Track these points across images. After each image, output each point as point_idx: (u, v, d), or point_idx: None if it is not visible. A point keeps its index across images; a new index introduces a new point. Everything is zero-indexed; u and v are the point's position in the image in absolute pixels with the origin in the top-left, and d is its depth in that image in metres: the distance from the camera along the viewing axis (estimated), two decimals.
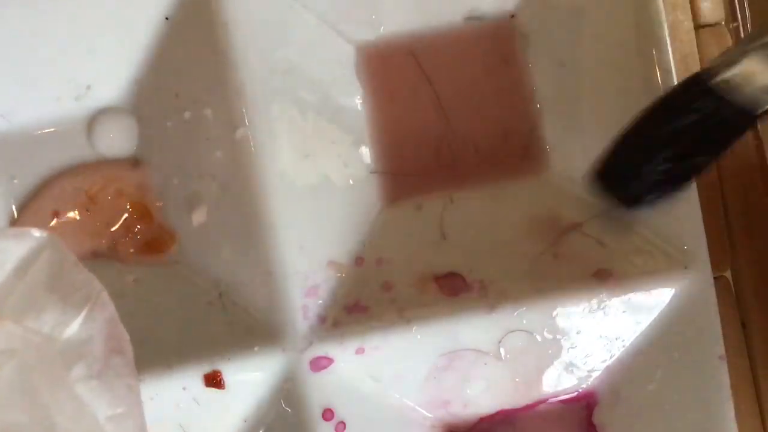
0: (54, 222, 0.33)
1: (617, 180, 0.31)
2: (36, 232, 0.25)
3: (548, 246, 0.33)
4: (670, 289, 0.32)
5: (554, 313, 0.32)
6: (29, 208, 0.33)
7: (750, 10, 0.34)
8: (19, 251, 0.25)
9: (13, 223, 0.33)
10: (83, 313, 0.25)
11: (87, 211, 0.33)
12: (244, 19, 0.31)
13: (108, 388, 0.25)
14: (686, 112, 0.28)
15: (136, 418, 0.26)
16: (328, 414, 0.32)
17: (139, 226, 0.34)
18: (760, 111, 0.28)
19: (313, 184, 0.33)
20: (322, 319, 0.32)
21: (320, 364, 0.32)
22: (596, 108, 0.33)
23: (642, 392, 0.33)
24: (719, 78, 0.28)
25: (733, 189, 0.34)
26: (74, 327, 0.25)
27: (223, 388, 0.31)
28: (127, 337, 0.26)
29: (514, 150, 0.35)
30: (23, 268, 0.25)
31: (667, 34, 0.31)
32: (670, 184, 0.30)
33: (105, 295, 0.26)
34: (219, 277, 0.33)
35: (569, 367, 0.33)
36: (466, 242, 0.34)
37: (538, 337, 0.32)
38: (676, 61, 0.32)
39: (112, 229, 0.34)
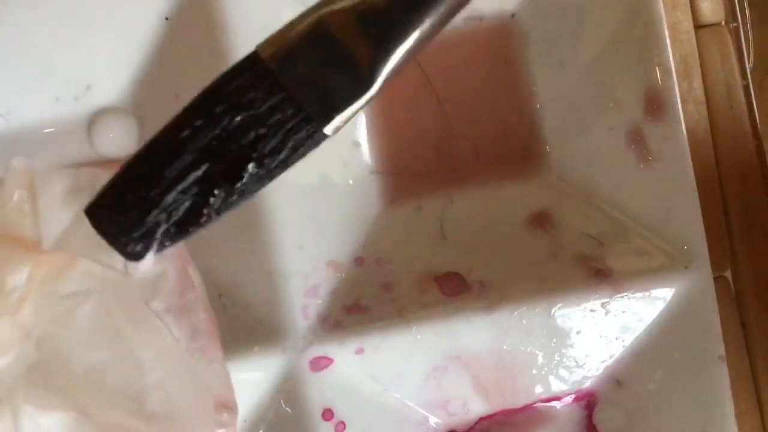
0: None
1: (116, 213, 0.21)
2: (96, 170, 0.25)
3: (548, 246, 0.33)
4: (670, 289, 0.32)
5: (554, 313, 0.32)
6: None
7: (750, 10, 0.34)
8: (78, 195, 0.25)
9: None
10: (154, 248, 0.25)
11: None
12: (243, 20, 0.31)
13: (186, 322, 0.25)
14: (231, 109, 0.20)
15: (216, 351, 0.25)
16: (328, 414, 0.32)
17: None
18: (326, 126, 0.20)
19: (313, 184, 0.33)
20: (322, 319, 0.32)
21: (320, 364, 0.32)
22: (596, 108, 0.33)
23: (642, 392, 0.33)
24: (280, 54, 0.20)
25: (733, 189, 0.34)
26: (148, 261, 0.24)
27: None
28: (197, 271, 0.26)
29: (514, 150, 0.35)
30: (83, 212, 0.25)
31: (667, 34, 0.31)
32: (195, 216, 0.22)
33: None
34: (219, 277, 0.33)
35: (569, 367, 0.33)
36: (466, 242, 0.34)
37: (538, 337, 0.32)
38: (676, 61, 0.32)
39: None
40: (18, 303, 0.23)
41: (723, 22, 0.34)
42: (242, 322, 0.32)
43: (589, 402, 0.33)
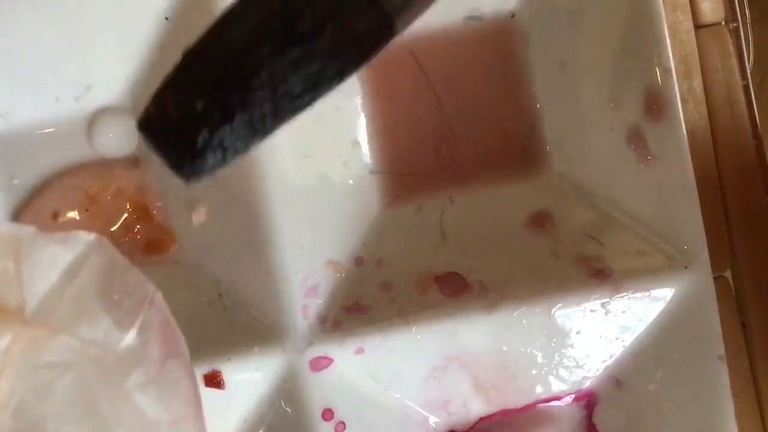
0: (54, 222, 0.33)
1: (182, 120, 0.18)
2: (84, 235, 0.25)
3: (548, 246, 0.33)
4: (670, 289, 0.32)
5: (554, 313, 0.32)
6: (29, 208, 0.33)
7: (750, 10, 0.34)
8: (66, 256, 0.25)
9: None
10: (139, 320, 0.25)
11: (87, 211, 0.33)
12: None
13: (166, 393, 0.25)
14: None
15: (196, 421, 0.25)
16: (328, 414, 0.32)
17: (139, 226, 0.34)
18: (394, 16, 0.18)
19: (313, 184, 0.33)
20: (322, 319, 0.32)
21: (320, 364, 0.32)
22: (596, 108, 0.33)
23: (642, 392, 0.33)
24: None
25: (733, 189, 0.34)
26: (131, 334, 0.24)
27: (223, 388, 0.31)
28: (182, 338, 0.26)
29: (514, 150, 0.35)
30: (71, 273, 0.25)
31: (667, 34, 0.31)
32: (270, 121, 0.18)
33: (159, 297, 0.25)
34: (219, 277, 0.33)
35: (569, 367, 0.33)
36: (466, 242, 0.34)
37: (538, 337, 0.32)
38: (676, 61, 0.32)
39: (112, 229, 0.34)
40: None
41: (723, 22, 0.34)
42: (242, 322, 0.32)
43: (589, 402, 0.33)
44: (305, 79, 0.18)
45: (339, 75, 0.19)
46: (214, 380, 0.31)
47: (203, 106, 0.18)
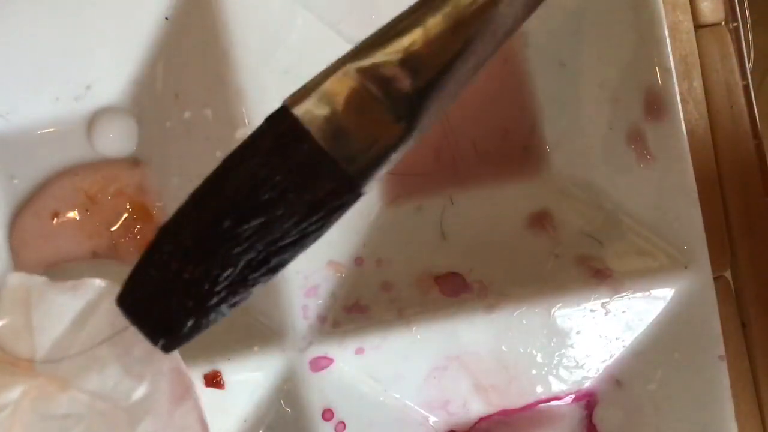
0: (54, 222, 0.33)
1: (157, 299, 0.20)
2: (94, 282, 0.25)
3: (548, 246, 0.33)
4: (670, 289, 0.32)
5: (554, 313, 0.32)
6: (29, 208, 0.33)
7: (750, 10, 0.34)
8: (76, 304, 0.25)
9: (13, 223, 0.33)
10: (150, 368, 0.25)
11: (87, 211, 0.33)
12: (244, 19, 0.31)
13: None
14: (266, 173, 0.19)
15: None
16: (327, 414, 0.32)
17: (139, 226, 0.34)
18: (360, 180, 0.19)
19: None
20: (322, 319, 0.32)
21: (320, 364, 0.32)
22: (596, 108, 0.33)
23: (642, 392, 0.33)
24: (306, 110, 0.19)
25: (733, 189, 0.34)
26: (142, 383, 0.24)
27: (223, 388, 0.31)
28: (192, 383, 0.26)
29: (514, 150, 0.35)
30: (81, 321, 0.25)
31: (667, 34, 0.31)
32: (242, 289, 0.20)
33: None
34: None
35: (569, 367, 0.33)
36: (466, 242, 0.34)
37: (538, 337, 0.32)
38: (676, 61, 0.32)
39: (112, 229, 0.34)
40: (7, 425, 0.23)
41: (723, 22, 0.34)
42: (242, 322, 0.32)
43: (589, 402, 0.33)
44: (270, 244, 0.19)
45: (306, 236, 0.19)
46: (214, 380, 0.31)
47: (174, 281, 0.20)
